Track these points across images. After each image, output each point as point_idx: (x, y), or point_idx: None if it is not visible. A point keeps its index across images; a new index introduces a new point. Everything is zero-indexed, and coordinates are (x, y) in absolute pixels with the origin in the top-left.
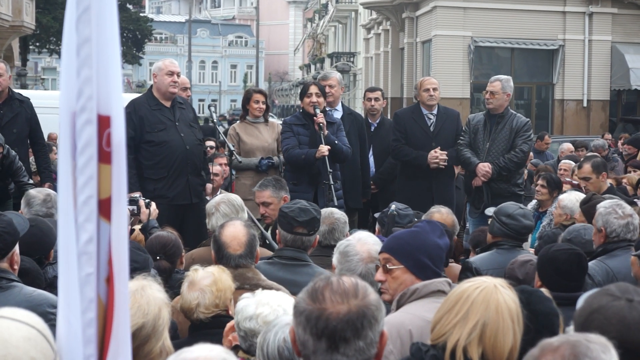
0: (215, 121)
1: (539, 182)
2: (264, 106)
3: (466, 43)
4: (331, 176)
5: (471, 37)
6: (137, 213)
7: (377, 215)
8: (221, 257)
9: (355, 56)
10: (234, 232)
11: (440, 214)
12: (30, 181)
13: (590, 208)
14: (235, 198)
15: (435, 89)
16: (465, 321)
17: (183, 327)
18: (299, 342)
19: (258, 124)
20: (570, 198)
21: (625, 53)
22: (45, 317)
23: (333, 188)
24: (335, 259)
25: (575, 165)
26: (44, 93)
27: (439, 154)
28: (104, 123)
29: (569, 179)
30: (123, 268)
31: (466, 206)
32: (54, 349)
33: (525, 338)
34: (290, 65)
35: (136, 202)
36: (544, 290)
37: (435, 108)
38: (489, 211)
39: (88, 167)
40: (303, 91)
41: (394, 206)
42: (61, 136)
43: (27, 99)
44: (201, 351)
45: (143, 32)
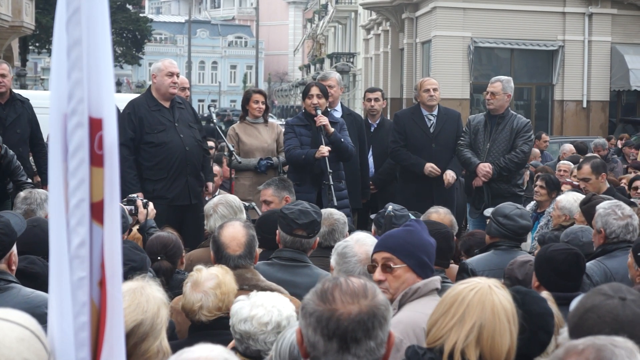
0: (215, 121)
1: (538, 183)
2: (264, 106)
3: (466, 44)
4: (332, 176)
5: (471, 38)
6: (135, 213)
7: (373, 216)
8: (220, 258)
9: (354, 57)
10: (233, 233)
11: (438, 214)
12: (28, 180)
13: (590, 208)
14: (233, 199)
15: (435, 90)
16: (461, 324)
17: (182, 328)
18: (309, 344)
19: (257, 125)
20: (568, 199)
21: (625, 54)
22: (43, 319)
23: (333, 188)
24: (333, 260)
25: (574, 166)
26: (44, 93)
27: (439, 172)
28: (96, 126)
29: (569, 180)
30: (116, 271)
31: (467, 207)
32: (48, 350)
33: (520, 337)
34: (289, 65)
35: (134, 202)
36: (545, 293)
37: (435, 109)
38: (487, 212)
39: (79, 171)
40: (305, 92)
41: (391, 207)
42: (52, 138)
43: (27, 100)
44: (202, 351)
45: (143, 33)
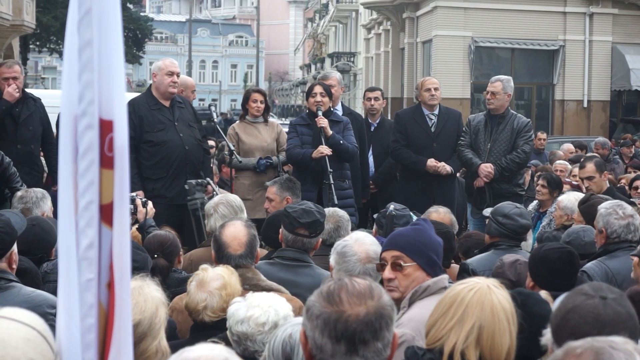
0: (215, 121)
1: (539, 182)
2: (263, 106)
3: (466, 43)
4: (332, 176)
5: (471, 38)
6: (134, 212)
7: (375, 216)
8: (221, 257)
9: (355, 56)
10: (235, 232)
11: (437, 214)
12: (24, 186)
13: (588, 208)
14: (233, 199)
15: (436, 89)
16: (461, 324)
17: (183, 327)
18: (315, 346)
19: (257, 124)
20: (569, 198)
21: (625, 54)
22: (44, 318)
23: (334, 187)
24: (332, 260)
25: (573, 166)
26: (45, 92)
27: (440, 167)
28: (106, 127)
29: (569, 180)
30: (125, 274)
31: (467, 207)
32: (54, 350)
33: (521, 338)
34: (290, 65)
35: (133, 201)
36: (543, 293)
37: (436, 108)
38: (487, 212)
39: (89, 172)
40: (308, 91)
41: (392, 206)
42: (62, 139)
43: (39, 99)
44: (202, 350)
45: (143, 32)
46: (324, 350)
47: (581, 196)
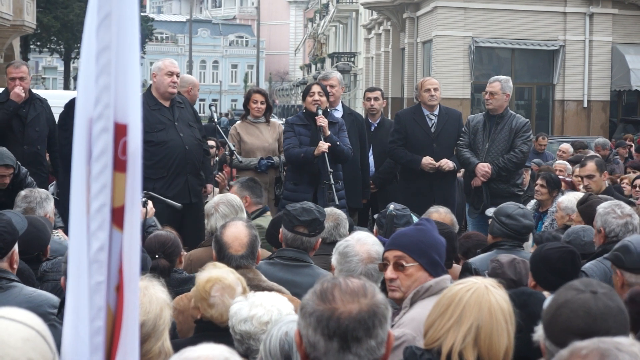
0: (216, 120)
1: (538, 182)
2: (264, 106)
3: (467, 43)
4: (332, 176)
5: (472, 38)
6: None
7: (376, 216)
8: (222, 258)
9: (355, 56)
10: (236, 233)
11: (438, 214)
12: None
13: (587, 208)
14: (234, 198)
15: (436, 89)
16: (459, 325)
17: (183, 327)
18: (308, 344)
19: (259, 124)
20: (569, 199)
21: (625, 54)
22: (45, 318)
23: (334, 188)
24: (334, 260)
25: (575, 166)
26: (45, 92)
27: (439, 164)
28: (121, 131)
29: (561, 176)
30: (134, 277)
31: (466, 207)
32: (53, 350)
33: (521, 337)
34: (290, 65)
35: None
36: (546, 294)
37: (436, 108)
38: (489, 212)
39: (103, 175)
40: (306, 91)
41: (392, 206)
42: (76, 142)
43: (46, 100)
44: (204, 350)
45: (144, 32)
46: (317, 348)
47: (580, 196)
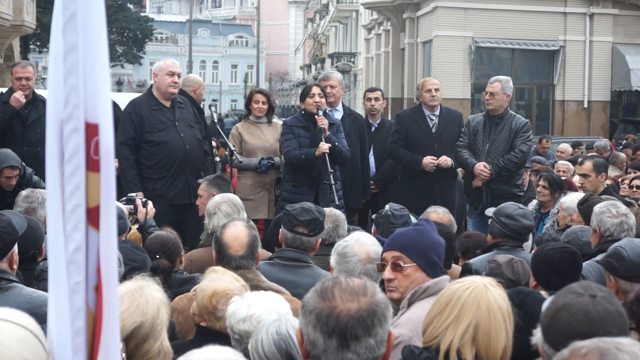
0: (215, 121)
1: (541, 183)
2: (265, 106)
3: (467, 44)
4: (332, 176)
5: (472, 38)
6: (134, 212)
7: (374, 216)
8: (222, 258)
9: (355, 56)
10: (236, 233)
11: (436, 214)
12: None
13: (587, 208)
14: (234, 197)
15: (437, 90)
16: (457, 323)
17: (183, 327)
18: (308, 342)
19: (260, 124)
20: (572, 199)
21: (626, 54)
22: (45, 318)
23: (334, 188)
24: (333, 260)
25: (576, 165)
26: (45, 92)
27: (438, 162)
28: (92, 131)
29: (564, 177)
30: (112, 277)
31: (466, 207)
32: (47, 350)
33: (520, 337)
34: (290, 65)
35: (133, 202)
36: (544, 294)
37: (437, 109)
38: (489, 212)
39: (75, 176)
40: (305, 92)
41: (388, 206)
42: (49, 143)
43: None
44: (209, 353)
45: (144, 32)
46: (317, 345)
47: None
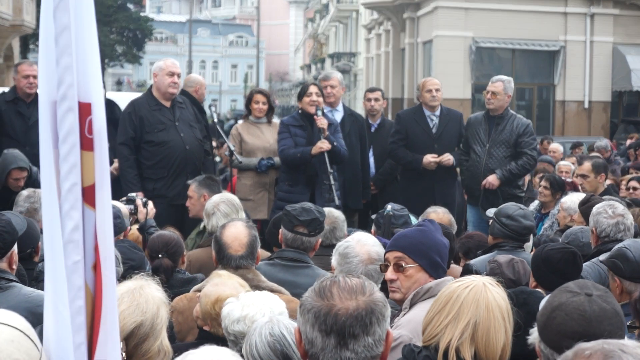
0: (215, 121)
1: (542, 184)
2: (265, 107)
3: (467, 44)
4: (332, 176)
5: (472, 38)
6: (135, 212)
7: (374, 216)
8: (222, 258)
9: (355, 56)
10: (235, 233)
11: (436, 214)
12: None
13: (587, 209)
14: (233, 197)
15: (437, 90)
16: (456, 321)
17: (182, 328)
18: (307, 341)
19: (260, 124)
20: (572, 199)
21: (626, 54)
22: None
23: (334, 188)
24: (334, 261)
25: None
26: None
27: (440, 159)
28: (85, 110)
29: (564, 178)
30: (109, 254)
31: (466, 208)
32: (39, 348)
33: (516, 334)
34: (290, 65)
35: (133, 202)
36: (543, 293)
37: (438, 109)
38: (490, 212)
39: (71, 155)
40: (302, 91)
41: (390, 207)
42: (42, 126)
43: None
44: (207, 354)
45: (143, 32)
46: (315, 344)
47: (583, 197)
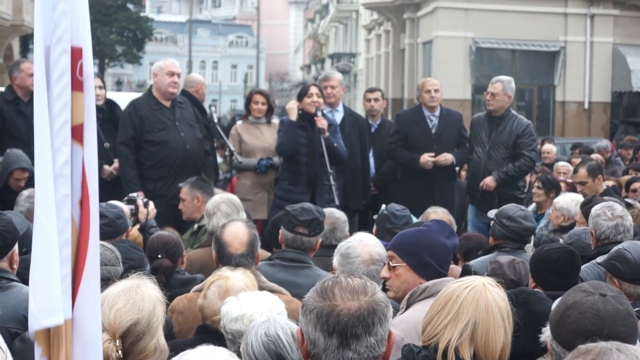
0: (215, 121)
1: (535, 184)
2: (264, 107)
3: (467, 44)
4: (332, 177)
5: (472, 39)
6: (135, 212)
7: (375, 216)
8: (222, 257)
9: (355, 57)
10: (236, 232)
11: (436, 214)
12: None
13: (589, 210)
14: (234, 197)
15: (436, 90)
16: (456, 321)
17: (182, 328)
18: (309, 341)
19: (260, 125)
20: (565, 199)
21: (626, 55)
22: None
23: (334, 188)
24: (336, 261)
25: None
26: None
27: (437, 159)
28: (77, 54)
29: (562, 178)
30: (94, 190)
31: (467, 208)
32: (4, 350)
33: (515, 335)
34: (290, 65)
35: (134, 202)
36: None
37: (437, 110)
38: (491, 213)
39: (64, 94)
40: (303, 92)
41: (384, 206)
42: (36, 68)
43: None
44: (203, 353)
45: (143, 32)
46: (317, 344)
47: (577, 197)
